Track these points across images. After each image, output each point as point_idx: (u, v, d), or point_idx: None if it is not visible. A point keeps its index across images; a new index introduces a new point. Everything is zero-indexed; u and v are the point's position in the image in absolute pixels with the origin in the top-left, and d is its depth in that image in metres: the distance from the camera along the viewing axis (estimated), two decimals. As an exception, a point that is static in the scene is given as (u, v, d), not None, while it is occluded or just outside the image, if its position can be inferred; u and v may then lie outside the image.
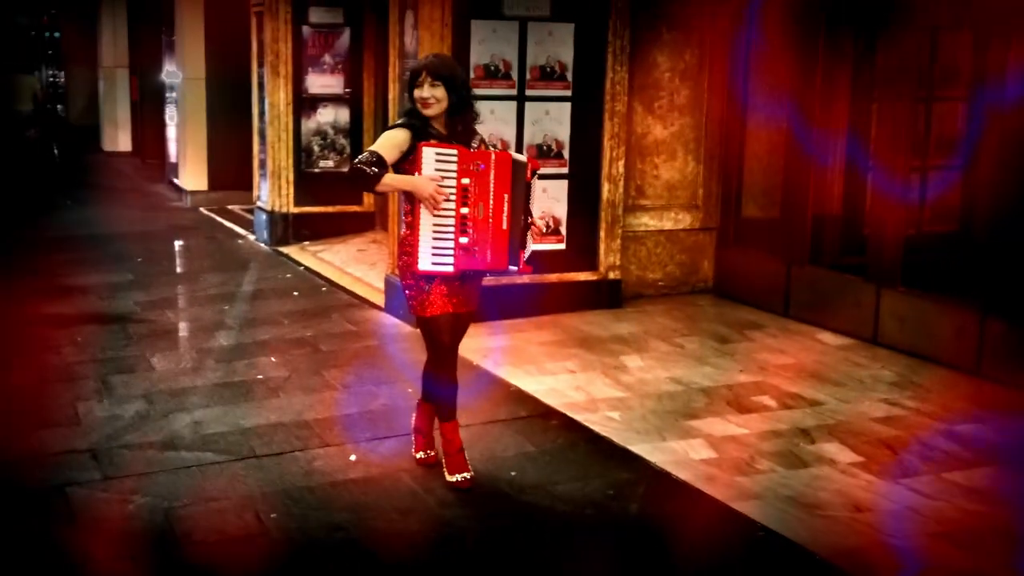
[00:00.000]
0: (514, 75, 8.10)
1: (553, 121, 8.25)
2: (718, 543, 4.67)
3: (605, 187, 8.43)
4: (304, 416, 6.16)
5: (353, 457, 5.56)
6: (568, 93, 8.28)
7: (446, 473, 5.18)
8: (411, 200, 4.93)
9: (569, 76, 8.26)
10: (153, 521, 4.81)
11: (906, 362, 7.17)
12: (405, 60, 8.18)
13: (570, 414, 6.17)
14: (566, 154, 8.29)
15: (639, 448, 5.64)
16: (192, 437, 5.84)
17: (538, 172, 5.10)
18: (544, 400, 6.39)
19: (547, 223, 8.19)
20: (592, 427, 5.97)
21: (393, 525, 4.80)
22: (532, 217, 5.10)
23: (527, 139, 8.18)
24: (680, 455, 5.55)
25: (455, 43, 7.85)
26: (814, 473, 5.33)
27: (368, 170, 4.78)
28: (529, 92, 8.18)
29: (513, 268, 5.02)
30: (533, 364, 7.09)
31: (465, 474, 5.16)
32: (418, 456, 5.45)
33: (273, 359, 7.32)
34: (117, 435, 5.86)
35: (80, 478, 5.27)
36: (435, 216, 4.84)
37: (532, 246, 5.16)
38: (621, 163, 8.45)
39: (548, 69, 8.20)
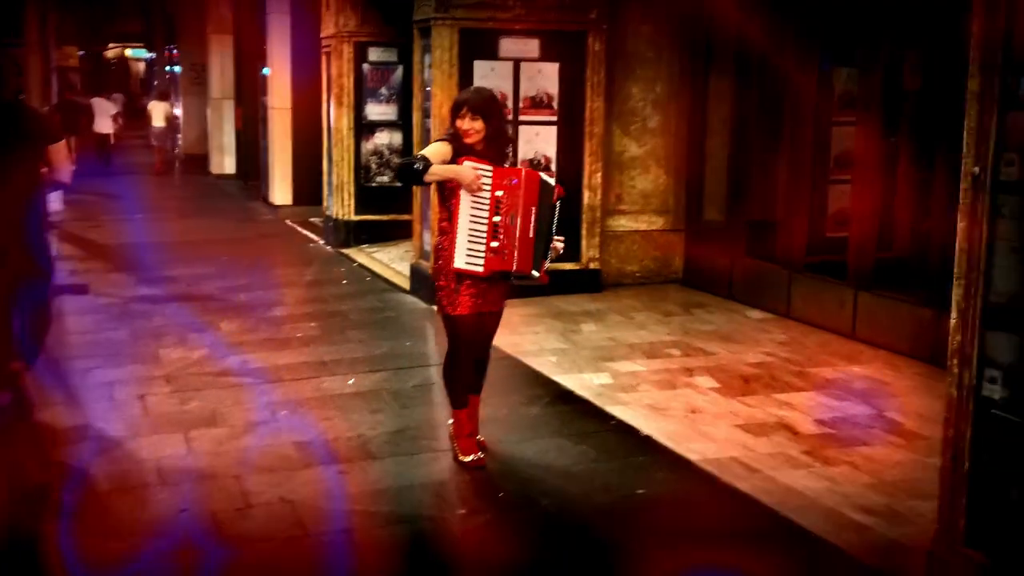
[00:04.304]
0: (509, 104, 10.13)
1: (542, 141, 10.27)
2: (580, 425, 6.68)
3: (586, 194, 10.41)
4: (323, 358, 8.27)
5: (351, 381, 7.65)
6: (554, 118, 10.29)
7: (459, 453, 6.01)
8: (449, 210, 5.61)
9: (555, 105, 10.27)
10: (201, 414, 6.95)
11: (803, 330, 9.02)
12: (425, 92, 10.30)
13: (520, 358, 8.19)
14: (553, 167, 10.28)
15: (559, 377, 7.65)
16: (239, 369, 8.00)
17: (563, 197, 5.70)
18: (504, 349, 8.31)
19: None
20: (532, 365, 8.00)
21: (365, 417, 6.86)
22: (554, 237, 5.69)
23: (521, 156, 10.19)
24: (586, 382, 7.53)
25: (461, 79, 9.89)
26: (676, 392, 7.26)
27: (417, 164, 5.44)
28: (522, 118, 10.21)
29: (535, 273, 5.63)
30: (508, 327, 8.91)
31: (477, 455, 5.94)
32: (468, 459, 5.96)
33: (312, 324, 9.46)
34: (185, 368, 8.05)
35: (154, 391, 7.45)
36: (471, 223, 5.50)
37: (548, 261, 5.74)
38: (599, 175, 10.42)
39: (538, 99, 10.23)
